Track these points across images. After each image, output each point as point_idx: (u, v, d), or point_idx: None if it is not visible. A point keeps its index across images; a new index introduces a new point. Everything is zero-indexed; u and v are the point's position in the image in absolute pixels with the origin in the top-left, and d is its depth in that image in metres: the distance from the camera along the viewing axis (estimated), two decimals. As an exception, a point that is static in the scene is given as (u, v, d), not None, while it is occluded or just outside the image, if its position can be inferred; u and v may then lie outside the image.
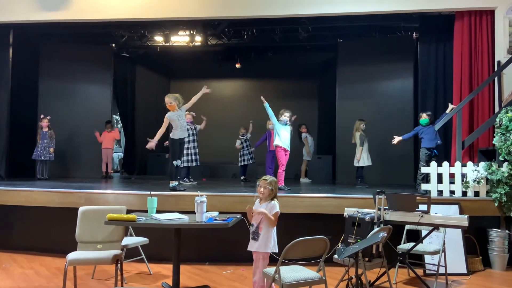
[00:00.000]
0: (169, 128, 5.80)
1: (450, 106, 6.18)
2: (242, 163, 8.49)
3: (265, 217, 3.47)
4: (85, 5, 7.13)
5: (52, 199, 5.43)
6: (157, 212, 3.95)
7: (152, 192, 4.53)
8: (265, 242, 3.48)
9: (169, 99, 5.71)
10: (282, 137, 6.15)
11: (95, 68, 9.05)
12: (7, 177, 7.63)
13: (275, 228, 3.54)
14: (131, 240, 4.54)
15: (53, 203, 5.42)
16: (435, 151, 6.01)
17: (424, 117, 6.09)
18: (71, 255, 3.71)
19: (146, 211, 3.97)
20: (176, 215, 3.83)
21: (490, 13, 6.39)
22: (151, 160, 10.52)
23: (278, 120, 6.20)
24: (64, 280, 3.65)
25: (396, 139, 6.19)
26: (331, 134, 8.99)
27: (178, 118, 5.72)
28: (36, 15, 7.20)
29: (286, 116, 6.21)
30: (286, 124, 6.24)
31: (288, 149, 6.22)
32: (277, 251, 3.43)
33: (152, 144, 5.60)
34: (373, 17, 7.21)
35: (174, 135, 5.74)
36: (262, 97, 6.12)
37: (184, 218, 3.77)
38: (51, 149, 7.88)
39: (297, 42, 9.15)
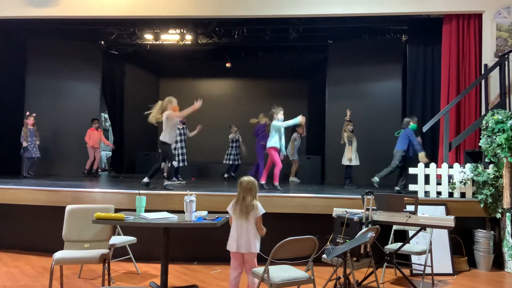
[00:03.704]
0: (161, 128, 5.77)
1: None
2: (227, 162, 8.48)
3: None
4: (74, 2, 7.05)
5: (39, 198, 5.37)
6: (146, 211, 3.93)
7: (141, 191, 4.50)
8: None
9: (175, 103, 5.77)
10: (281, 138, 6.15)
11: (84, 66, 8.95)
12: (-8, 175, 7.51)
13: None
14: (119, 239, 4.51)
15: (39, 202, 5.36)
16: (410, 155, 6.10)
17: (415, 123, 6.25)
18: (58, 254, 3.67)
19: (134, 210, 3.94)
20: (165, 214, 3.81)
21: (478, 16, 6.49)
22: (139, 159, 10.44)
23: (277, 119, 6.16)
24: (50, 279, 3.61)
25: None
26: (321, 134, 9.03)
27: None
28: (24, 11, 7.09)
29: (282, 114, 6.18)
30: None
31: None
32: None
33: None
34: (363, 19, 7.26)
35: (165, 138, 5.73)
36: (301, 116, 6.08)
37: (173, 218, 3.75)
38: (37, 142, 7.82)
39: (287, 43, 9.17)
